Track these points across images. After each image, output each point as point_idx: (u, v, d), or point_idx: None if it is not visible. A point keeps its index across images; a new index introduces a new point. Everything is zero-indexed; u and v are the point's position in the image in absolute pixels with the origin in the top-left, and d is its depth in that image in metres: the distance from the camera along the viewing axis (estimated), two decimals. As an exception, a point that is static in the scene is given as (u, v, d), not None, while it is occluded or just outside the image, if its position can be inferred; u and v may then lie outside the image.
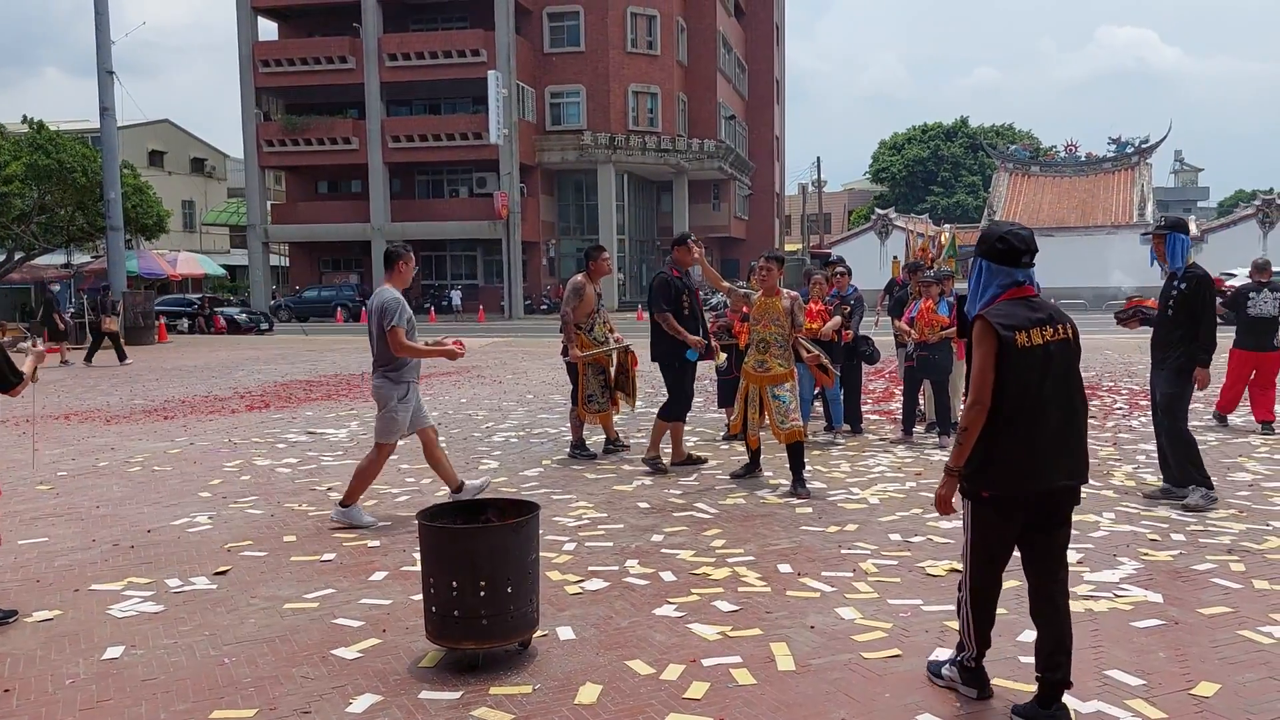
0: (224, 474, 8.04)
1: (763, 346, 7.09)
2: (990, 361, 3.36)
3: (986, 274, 3.53)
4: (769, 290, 7.14)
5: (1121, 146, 44.07)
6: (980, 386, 3.37)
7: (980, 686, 3.62)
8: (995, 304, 3.46)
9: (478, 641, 3.88)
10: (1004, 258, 3.47)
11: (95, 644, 4.27)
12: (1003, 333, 3.34)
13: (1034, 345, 3.35)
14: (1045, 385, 3.37)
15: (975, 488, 3.44)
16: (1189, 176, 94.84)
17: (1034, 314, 3.41)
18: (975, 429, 3.38)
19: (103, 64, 26.25)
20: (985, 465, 3.40)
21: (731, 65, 51.83)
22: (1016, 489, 3.39)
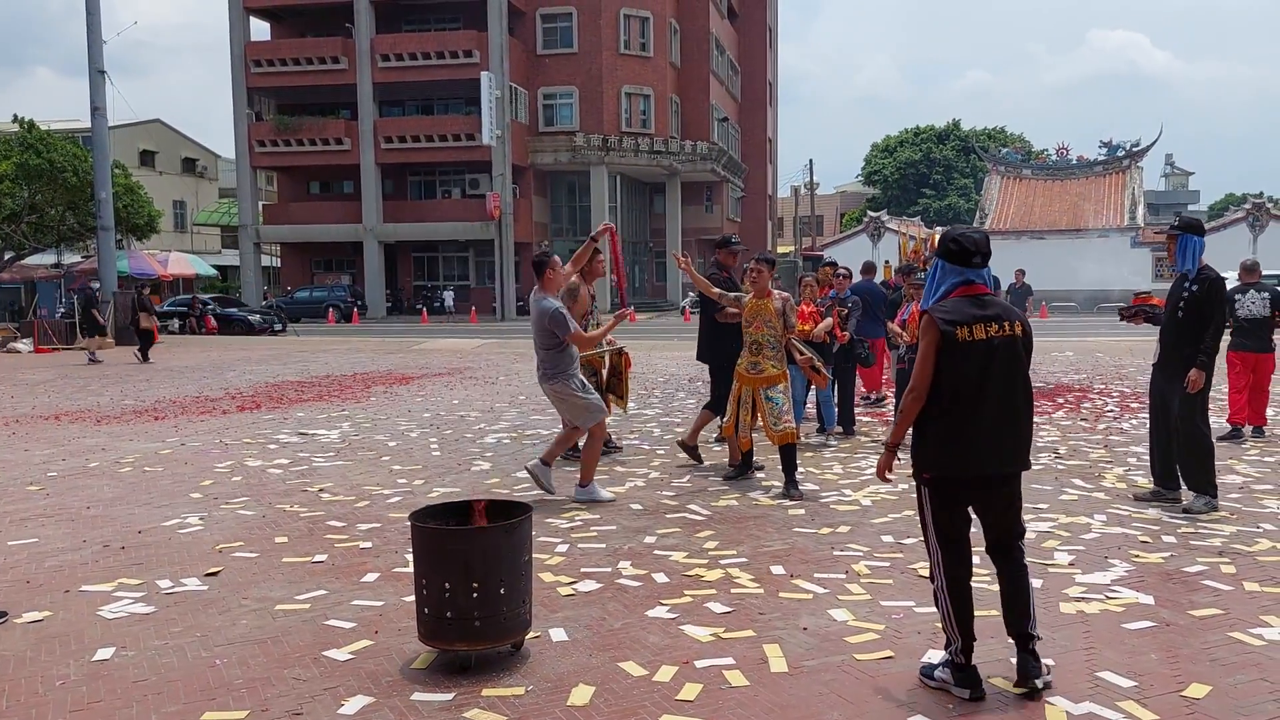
0: (215, 475, 8.01)
1: (755, 348, 7.08)
2: (931, 352, 3.62)
3: (941, 272, 3.79)
4: (760, 292, 7.13)
5: (1113, 150, 44.21)
6: (919, 374, 3.66)
7: (973, 687, 3.62)
8: (944, 300, 3.72)
9: (470, 643, 3.88)
10: (956, 258, 3.73)
11: (86, 645, 4.26)
12: (944, 326, 3.60)
13: (975, 340, 3.60)
14: (986, 378, 3.60)
15: (916, 469, 3.75)
16: (1180, 180, 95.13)
17: (980, 311, 3.65)
18: (910, 414, 3.71)
19: (94, 63, 26.17)
20: (924, 449, 3.71)
21: (724, 67, 51.87)
22: (951, 472, 3.67)
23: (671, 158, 43.51)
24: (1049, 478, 7.46)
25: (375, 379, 15.78)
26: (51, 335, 24.59)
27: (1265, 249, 35.80)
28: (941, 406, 3.64)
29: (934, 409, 3.65)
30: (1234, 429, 9.06)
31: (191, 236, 55.52)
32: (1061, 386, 13.44)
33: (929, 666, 3.80)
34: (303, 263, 46.04)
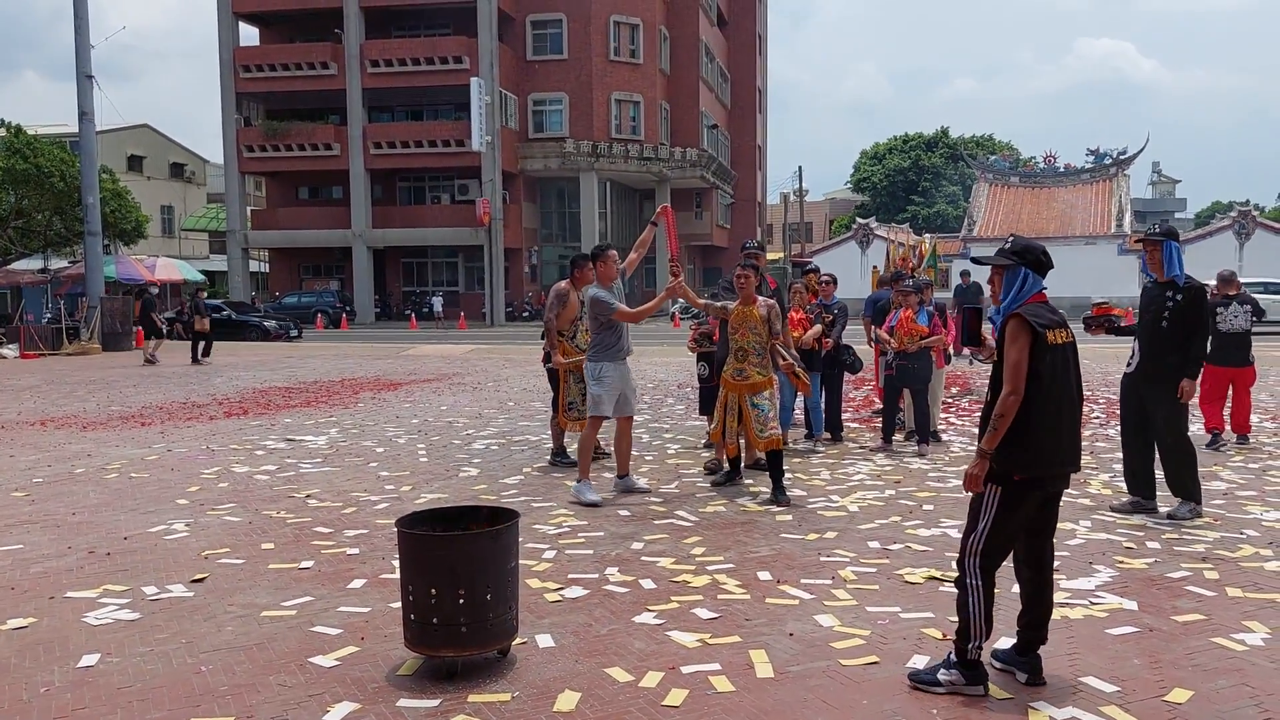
0: (202, 481, 7.99)
1: (741, 355, 7.05)
2: (1026, 354, 3.71)
3: (1030, 282, 3.89)
4: (746, 299, 7.11)
5: (1100, 158, 44.44)
6: (1016, 377, 3.70)
7: (984, 681, 3.72)
8: (1025, 305, 3.83)
9: (456, 649, 3.88)
10: (1043, 269, 3.90)
11: (70, 652, 4.24)
12: (1038, 329, 3.72)
13: (1057, 343, 3.75)
14: (1066, 380, 3.77)
15: (1007, 470, 3.73)
16: (1166, 188, 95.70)
17: (1054, 316, 3.82)
18: (1010, 416, 3.70)
19: (82, 68, 26.09)
20: (1019, 450, 3.71)
21: (714, 74, 52.00)
22: (1042, 471, 3.74)
23: (661, 164, 43.59)
24: (1035, 484, 7.48)
25: (363, 385, 15.75)
26: (38, 341, 24.46)
27: (1251, 257, 36.04)
28: (1036, 407, 3.71)
29: (1026, 410, 3.71)
30: (1213, 434, 9.09)
31: (179, 242, 55.38)
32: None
33: (928, 674, 3.78)
34: (291, 268, 45.95)
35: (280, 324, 31.30)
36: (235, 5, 42.23)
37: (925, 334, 8.87)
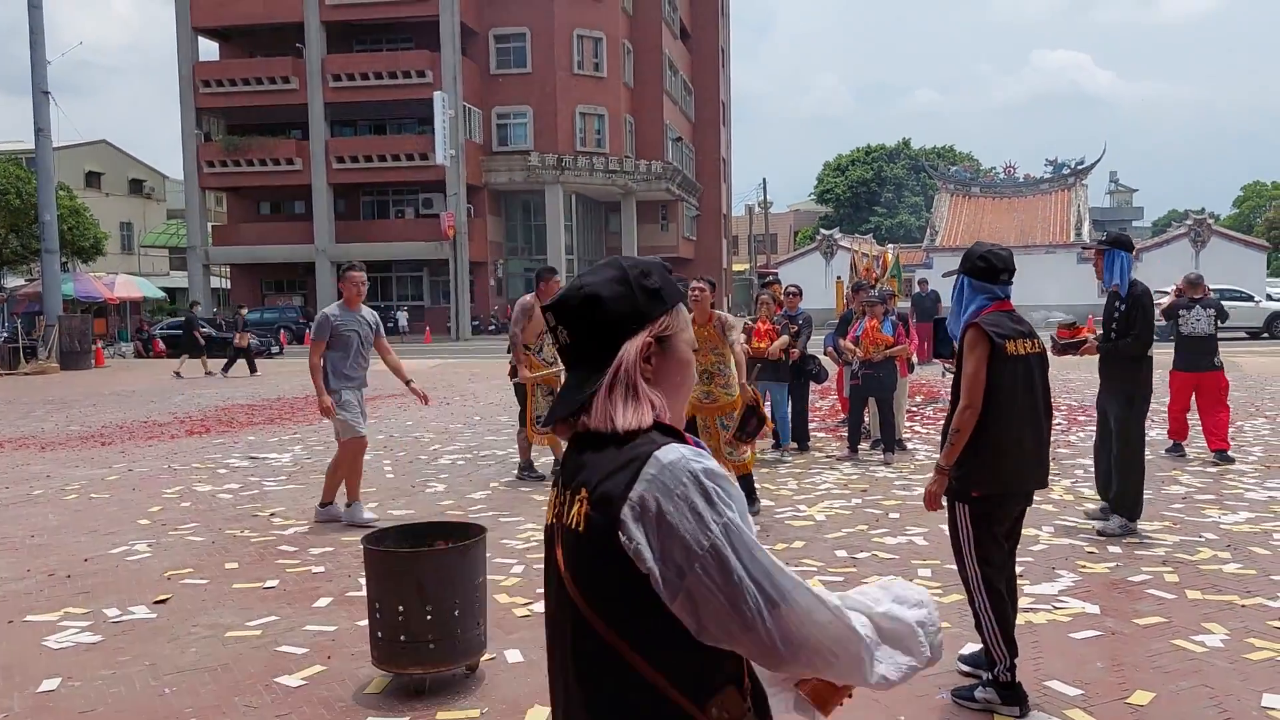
0: (164, 500, 7.89)
1: (706, 377, 6.79)
2: (983, 366, 3.55)
3: (969, 290, 3.74)
4: (702, 318, 6.74)
5: (1058, 168, 45.08)
6: (973, 390, 3.57)
7: (1021, 703, 3.58)
8: (984, 314, 3.66)
9: (424, 666, 3.86)
10: (984, 275, 3.70)
11: (30, 676, 4.17)
12: (995, 339, 3.55)
13: (1019, 355, 3.57)
14: (1029, 393, 3.59)
15: (965, 488, 3.62)
16: (1124, 197, 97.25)
17: (1018, 326, 3.64)
18: (967, 431, 3.57)
19: (38, 84, 25.74)
20: (975, 466, 3.58)
21: (678, 87, 52.24)
22: (1003, 488, 3.60)
23: (626, 177, 43.69)
24: (999, 491, 7.56)
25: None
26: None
27: (1207, 264, 36.67)
28: (992, 421, 3.56)
29: (983, 425, 3.57)
30: (1175, 445, 8.98)
31: (139, 258, 54.68)
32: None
33: (965, 690, 3.73)
34: (253, 284, 45.49)
35: (262, 340, 30.04)
36: (194, 20, 41.86)
37: (890, 343, 8.95)
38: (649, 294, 1.46)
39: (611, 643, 1.35)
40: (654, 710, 1.34)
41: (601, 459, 1.39)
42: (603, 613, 1.35)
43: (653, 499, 1.32)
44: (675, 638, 1.34)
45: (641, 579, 1.32)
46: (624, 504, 1.32)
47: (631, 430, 1.39)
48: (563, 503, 1.44)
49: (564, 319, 1.47)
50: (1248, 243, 40.49)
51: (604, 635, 1.35)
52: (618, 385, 1.42)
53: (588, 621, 1.36)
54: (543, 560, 1.57)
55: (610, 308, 1.43)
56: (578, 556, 1.38)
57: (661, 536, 1.31)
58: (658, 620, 1.33)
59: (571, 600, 1.38)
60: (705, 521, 1.31)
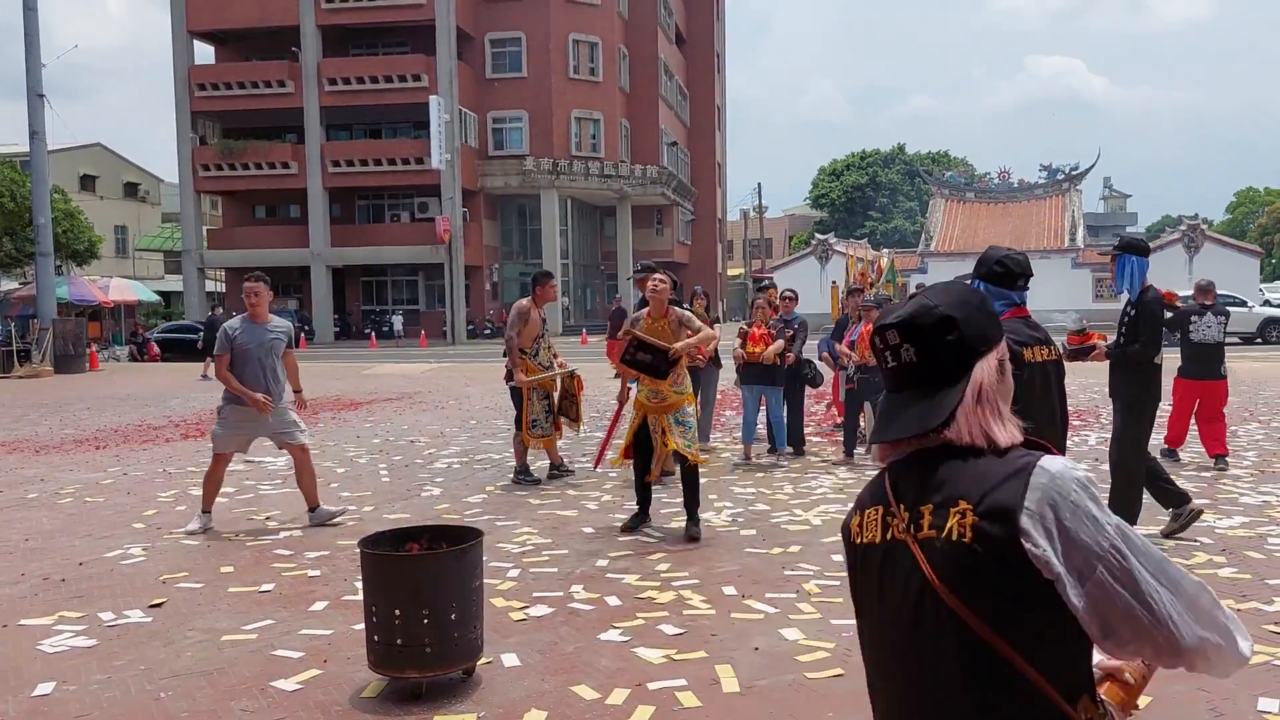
0: (159, 504, 7.87)
1: None
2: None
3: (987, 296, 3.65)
4: (658, 311, 6.53)
5: (1052, 173, 45.25)
6: None
7: None
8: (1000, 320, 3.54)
9: (421, 670, 3.85)
10: (1001, 280, 3.59)
11: (25, 681, 4.15)
12: (1013, 346, 3.39)
13: (1037, 361, 3.49)
14: (1047, 400, 3.52)
15: None
16: (1118, 202, 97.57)
17: (1035, 333, 3.55)
18: None
19: (33, 87, 25.69)
20: None
21: (673, 92, 52.32)
22: None
23: (621, 181, 43.74)
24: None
25: (323, 405, 15.60)
26: (-14, 363, 24.00)
27: (1200, 269, 36.76)
28: None
29: None
30: (1169, 450, 8.89)
31: (134, 262, 54.66)
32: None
33: None
34: (249, 288, 45.37)
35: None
36: (190, 23, 41.85)
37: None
38: (992, 318, 1.56)
39: (993, 644, 1.39)
40: (1035, 708, 1.40)
41: (975, 472, 1.44)
42: (987, 617, 1.40)
43: (1050, 507, 1.38)
44: (1056, 639, 1.40)
45: (1033, 583, 1.38)
46: (1022, 513, 1.38)
47: (1005, 445, 1.47)
48: (913, 518, 1.47)
49: (912, 338, 1.51)
50: (1241, 248, 40.68)
51: (985, 638, 1.39)
52: (985, 403, 1.49)
53: (968, 626, 1.40)
54: (851, 579, 1.61)
55: (965, 330, 1.50)
56: (959, 565, 1.41)
57: (1063, 542, 1.37)
58: (1042, 622, 1.39)
59: (945, 609, 1.42)
60: (1100, 524, 1.39)
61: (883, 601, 1.51)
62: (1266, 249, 57.25)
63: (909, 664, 1.49)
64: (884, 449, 1.55)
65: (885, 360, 1.54)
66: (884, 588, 1.51)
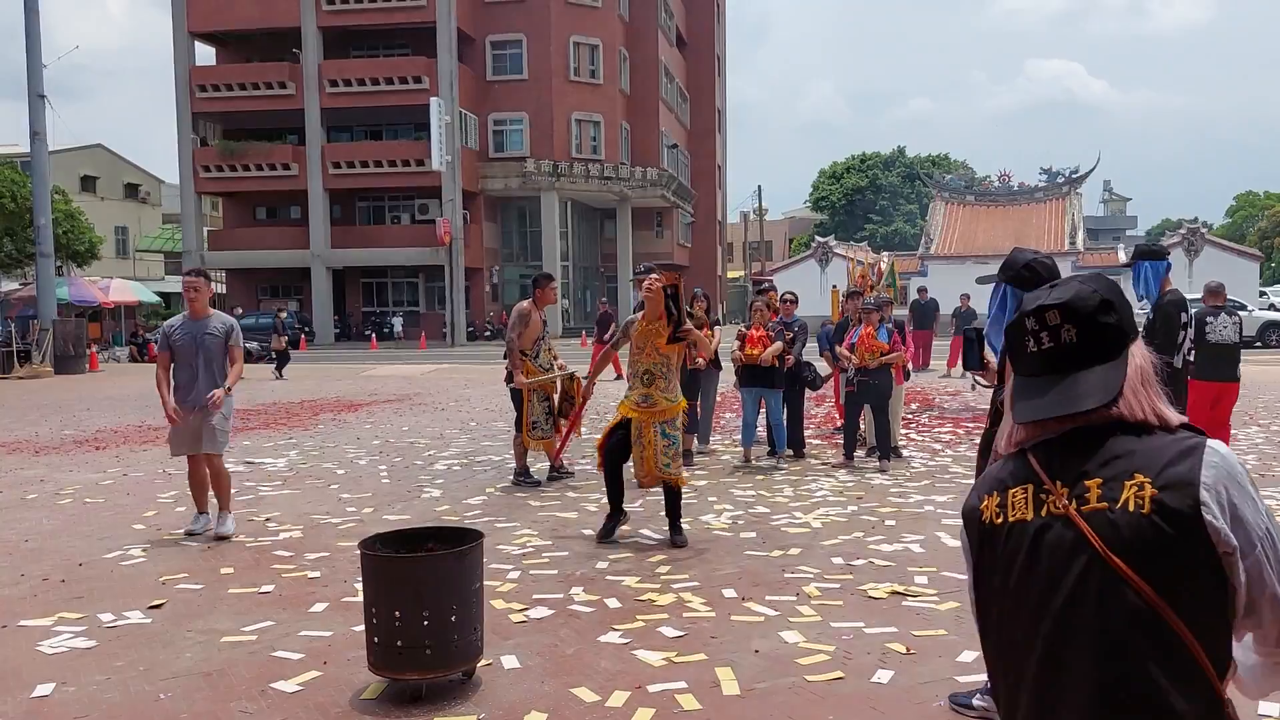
0: (159, 505, 7.87)
1: (647, 379, 6.31)
2: None
3: (1012, 299, 3.56)
4: (654, 313, 6.32)
5: (1053, 176, 45.25)
6: None
7: None
8: None
9: (421, 671, 3.85)
10: (1028, 284, 3.49)
11: (24, 682, 4.15)
12: None
13: None
14: None
15: None
16: (1118, 205, 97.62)
17: None
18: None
19: (34, 87, 25.70)
20: None
21: (674, 94, 52.33)
22: None
23: (622, 184, 43.74)
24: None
25: (323, 406, 15.60)
26: (-13, 364, 23.99)
27: (1200, 273, 36.78)
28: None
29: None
30: None
31: (134, 263, 54.64)
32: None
33: (964, 696, 3.72)
34: (249, 289, 45.44)
35: (262, 345, 28.93)
36: (191, 25, 41.86)
37: (885, 350, 8.96)
38: (1130, 307, 1.62)
39: (1161, 615, 1.43)
40: (1195, 682, 1.43)
41: (1149, 447, 1.50)
42: (1158, 587, 1.43)
43: (1222, 485, 1.45)
44: (1217, 613, 1.45)
45: (1204, 556, 1.43)
46: (1200, 488, 1.44)
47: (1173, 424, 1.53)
48: (1074, 492, 1.51)
49: (1075, 319, 1.55)
50: (1240, 252, 40.67)
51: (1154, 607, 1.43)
52: (1149, 384, 1.56)
53: (1139, 595, 1.43)
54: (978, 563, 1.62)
55: (1121, 313, 1.57)
56: (1134, 536, 1.45)
57: (1232, 520, 1.44)
58: (1208, 595, 1.44)
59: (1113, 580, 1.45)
60: (1258, 506, 1.46)
61: (1031, 578, 1.52)
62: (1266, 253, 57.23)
63: (1064, 637, 1.50)
64: (1030, 430, 1.59)
65: (1039, 341, 1.57)
66: (1034, 565, 1.52)
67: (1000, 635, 1.59)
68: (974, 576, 1.64)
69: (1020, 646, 1.55)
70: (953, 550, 6.07)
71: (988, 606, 1.61)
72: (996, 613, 1.59)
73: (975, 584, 1.64)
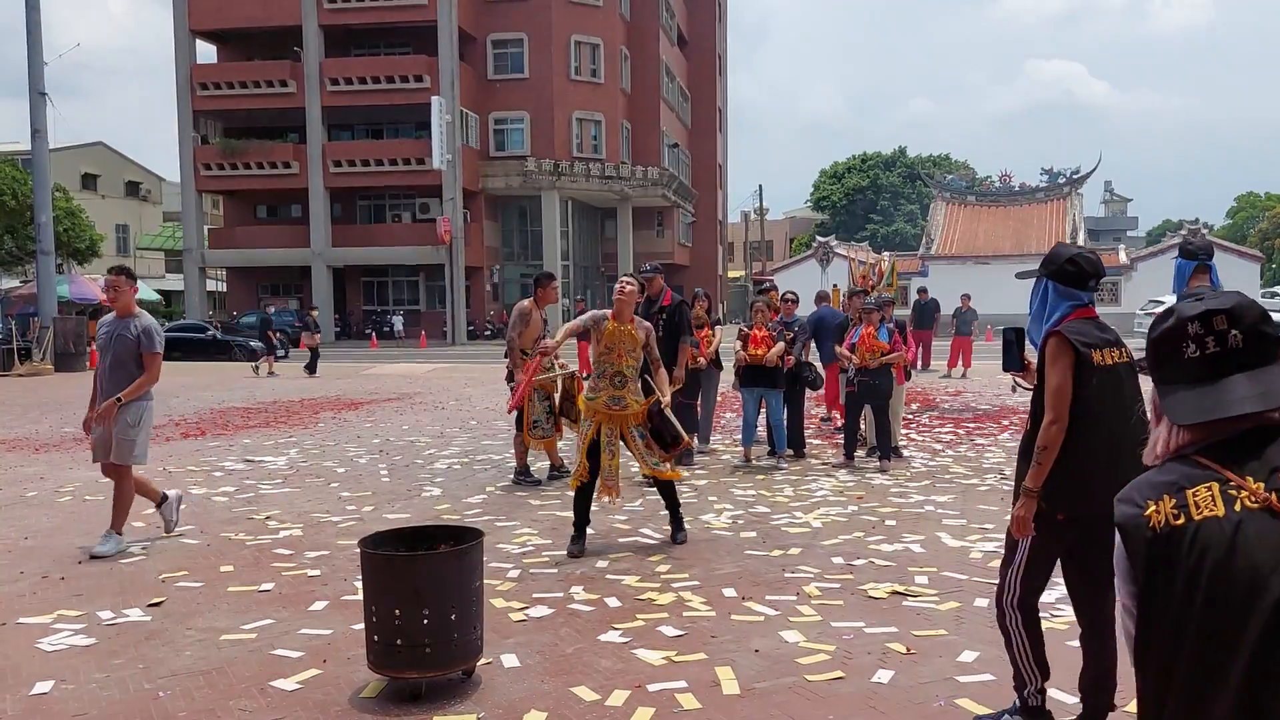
0: (159, 503, 7.84)
1: (619, 381, 6.20)
2: (1069, 377, 3.26)
3: (1054, 295, 3.44)
4: (625, 317, 6.26)
5: (1054, 177, 45.23)
6: (1059, 404, 3.27)
7: None
8: (1066, 321, 3.37)
9: (421, 670, 3.84)
10: (1072, 280, 3.40)
11: (23, 679, 4.14)
12: (1080, 349, 3.27)
13: (1106, 365, 3.31)
14: (1118, 405, 3.31)
15: (1051, 508, 3.34)
16: (1119, 206, 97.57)
17: (1104, 334, 3.37)
18: (1055, 447, 3.28)
19: (35, 85, 25.69)
20: (1060, 487, 3.30)
21: (675, 94, 52.31)
22: (1094, 509, 3.16)
23: (623, 183, 43.72)
24: (995, 498, 7.57)
25: (323, 405, 15.59)
26: (-13, 362, 23.97)
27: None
28: (1077, 438, 3.26)
29: (1068, 441, 3.28)
30: None
31: (135, 261, 54.56)
32: (1006, 409, 13.67)
33: (989, 718, 3.60)
34: (249, 287, 45.45)
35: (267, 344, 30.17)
36: (192, 23, 41.85)
37: (886, 350, 8.96)
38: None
39: None
40: None
41: None
42: None
43: None
44: None
45: None
46: None
47: None
48: (1270, 485, 1.50)
49: (1240, 325, 1.60)
50: (1241, 253, 40.65)
51: None
52: None
53: None
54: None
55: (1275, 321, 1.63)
56: None
57: None
58: None
59: None
60: None
61: (1231, 576, 1.47)
62: (1267, 254, 57.23)
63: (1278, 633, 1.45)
64: (1197, 433, 1.59)
65: (1203, 346, 1.60)
66: (1235, 562, 1.47)
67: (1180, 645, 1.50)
68: (1143, 590, 1.56)
69: (1216, 651, 1.47)
70: (953, 550, 6.06)
71: (1162, 618, 1.53)
72: (1174, 621, 1.51)
73: (1144, 596, 1.55)
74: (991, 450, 9.94)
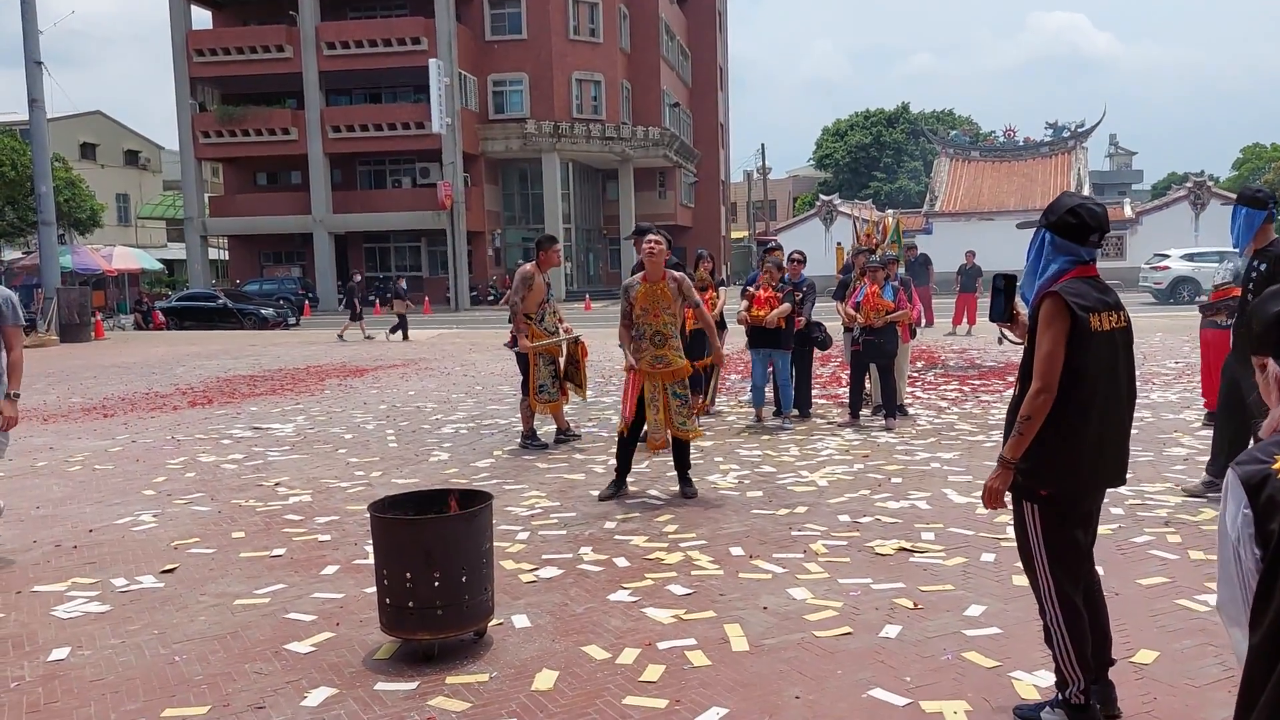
0: (168, 471, 7.91)
1: (659, 340, 6.37)
2: (1062, 343, 3.00)
3: (1050, 248, 3.14)
4: (655, 275, 6.37)
5: (1058, 131, 44.83)
6: (1049, 371, 3.01)
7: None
8: (1063, 281, 3.08)
9: (433, 632, 3.88)
10: (1072, 232, 3.09)
11: (40, 646, 4.20)
12: (1078, 313, 2.99)
13: (1104, 330, 3.04)
14: (1113, 375, 3.08)
15: (1033, 484, 3.11)
16: (1124, 160, 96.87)
17: (1103, 296, 3.09)
18: (1040, 418, 3.03)
19: (30, 54, 25.50)
20: (1045, 460, 3.07)
21: (674, 52, 51.81)
22: (1077, 485, 3.10)
23: (624, 144, 43.43)
24: (1001, 454, 7.59)
25: (329, 372, 15.63)
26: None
27: (1207, 226, 36.56)
28: (1073, 407, 3.03)
29: (1057, 411, 3.03)
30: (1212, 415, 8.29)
31: (136, 230, 54.52)
32: (1011, 365, 13.66)
33: (1030, 708, 3.34)
34: (251, 255, 45.39)
35: (278, 311, 30.36)
36: (187, -12, 41.45)
37: (891, 309, 8.94)
38: None
39: None
40: None
41: None
42: None
43: None
44: None
45: None
46: None
47: None
48: None
49: None
50: (1248, 205, 40.16)
51: None
52: None
53: None
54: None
55: None
56: None
57: None
58: None
59: None
60: None
61: None
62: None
63: None
64: None
65: None
66: None
67: None
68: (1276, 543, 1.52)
69: None
70: (959, 506, 6.09)
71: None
72: None
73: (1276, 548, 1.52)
74: (997, 407, 9.95)
